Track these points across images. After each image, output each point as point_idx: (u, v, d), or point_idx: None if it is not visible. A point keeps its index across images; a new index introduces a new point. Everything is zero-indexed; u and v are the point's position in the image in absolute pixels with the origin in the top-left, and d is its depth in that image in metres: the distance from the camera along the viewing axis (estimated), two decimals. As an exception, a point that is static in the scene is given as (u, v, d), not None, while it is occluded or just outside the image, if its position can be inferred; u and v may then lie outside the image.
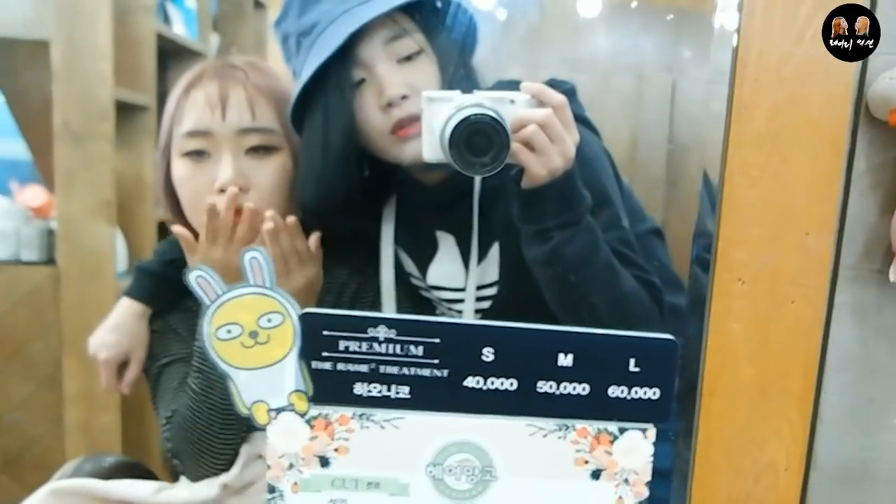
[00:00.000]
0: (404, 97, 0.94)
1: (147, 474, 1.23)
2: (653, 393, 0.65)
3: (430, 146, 0.88)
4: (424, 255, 1.07)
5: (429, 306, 1.11)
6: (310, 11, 0.97)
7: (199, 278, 0.60)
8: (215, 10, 2.74)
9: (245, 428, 0.99)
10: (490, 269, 1.04)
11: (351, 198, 1.00)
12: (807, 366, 0.67)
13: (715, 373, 0.67)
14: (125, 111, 2.04)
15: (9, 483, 2.09)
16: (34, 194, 2.17)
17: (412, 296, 1.11)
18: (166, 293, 1.09)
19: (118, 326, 1.08)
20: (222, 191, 0.96)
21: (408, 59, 0.97)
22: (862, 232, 0.77)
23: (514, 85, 0.89)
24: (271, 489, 0.64)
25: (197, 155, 0.99)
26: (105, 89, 1.89)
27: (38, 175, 2.18)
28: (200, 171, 0.99)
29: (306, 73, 0.95)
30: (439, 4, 0.99)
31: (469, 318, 1.05)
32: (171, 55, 2.31)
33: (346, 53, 0.94)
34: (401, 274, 1.09)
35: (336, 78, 0.95)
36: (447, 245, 1.06)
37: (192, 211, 1.01)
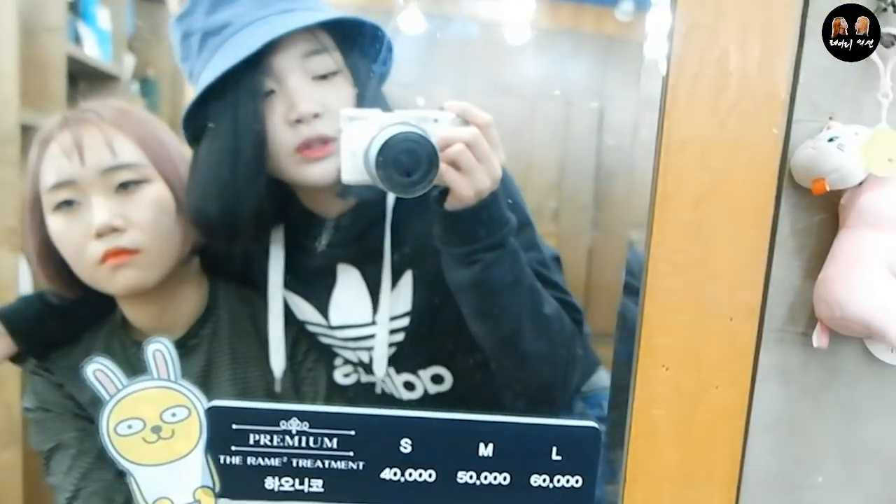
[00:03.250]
0: (316, 115, 0.89)
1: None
2: (575, 481, 0.63)
3: (350, 167, 0.84)
4: (323, 294, 1.03)
5: (327, 352, 1.08)
6: (221, 11, 0.93)
7: (97, 371, 0.56)
8: (131, 30, 2.65)
9: None
10: (402, 298, 1.00)
11: (253, 213, 0.95)
12: (732, 451, 0.67)
13: (639, 458, 0.66)
14: (31, 136, 1.95)
15: None
16: (-67, 218, 2.05)
17: (311, 349, 1.07)
18: (39, 326, 1.04)
19: None
20: (100, 236, 0.92)
21: (323, 77, 0.92)
22: (787, 294, 0.77)
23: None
24: (174, 589, 0.60)
25: (67, 206, 0.95)
26: (10, 112, 1.80)
27: (-62, 197, 2.07)
28: (75, 221, 0.94)
29: (209, 74, 0.89)
30: (361, 26, 0.96)
31: (382, 351, 1.01)
32: (84, 77, 2.22)
33: (258, 61, 0.89)
34: (294, 324, 1.05)
35: (245, 85, 0.90)
36: (350, 279, 1.02)
37: (78, 263, 0.96)
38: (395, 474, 0.61)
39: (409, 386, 1.04)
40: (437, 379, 1.04)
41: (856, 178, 0.71)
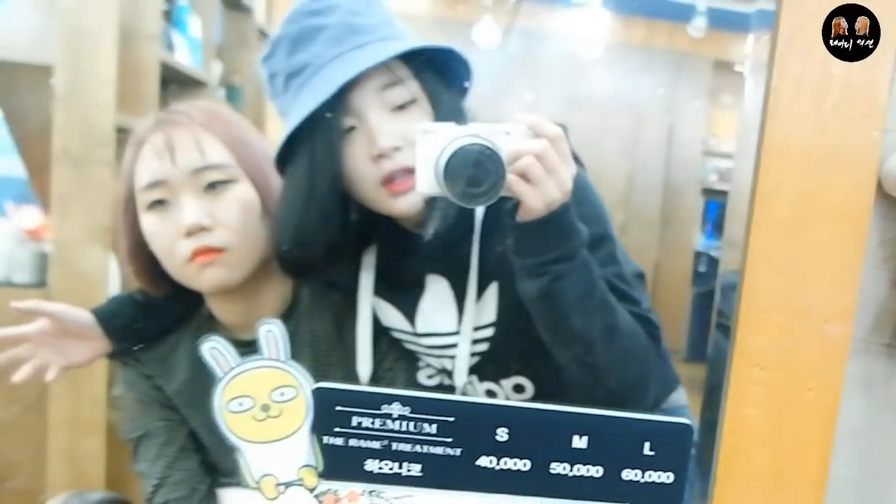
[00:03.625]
0: (396, 149, 0.91)
1: (134, 512, 1.21)
2: (667, 477, 0.64)
3: (423, 178, 0.86)
4: (411, 301, 1.05)
5: (411, 358, 1.10)
6: (300, 52, 0.95)
7: (212, 350, 0.59)
8: (219, 39, 2.74)
9: None
10: (487, 309, 1.02)
11: (331, 247, 0.98)
12: (822, 453, 0.67)
13: (729, 458, 0.66)
14: (126, 137, 2.03)
15: (-11, 507, 2.06)
16: (29, 216, 2.15)
17: (391, 348, 1.09)
18: (132, 325, 1.08)
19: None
20: (190, 234, 0.96)
21: (401, 108, 0.94)
22: (873, 305, 0.77)
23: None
24: (276, 564, 0.63)
25: (159, 205, 0.99)
26: (107, 115, 1.88)
27: (34, 196, 2.16)
28: (166, 220, 0.98)
29: (295, 118, 0.92)
30: (434, 52, 0.97)
31: (463, 363, 1.03)
32: (174, 82, 2.31)
33: (337, 100, 0.91)
34: (377, 327, 1.07)
35: (325, 124, 0.92)
36: (438, 289, 1.04)
37: (168, 261, 1.00)
38: (491, 462, 0.62)
39: (491, 394, 1.06)
40: (518, 388, 1.05)
41: (945, 188, 0.70)
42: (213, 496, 1.12)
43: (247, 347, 0.60)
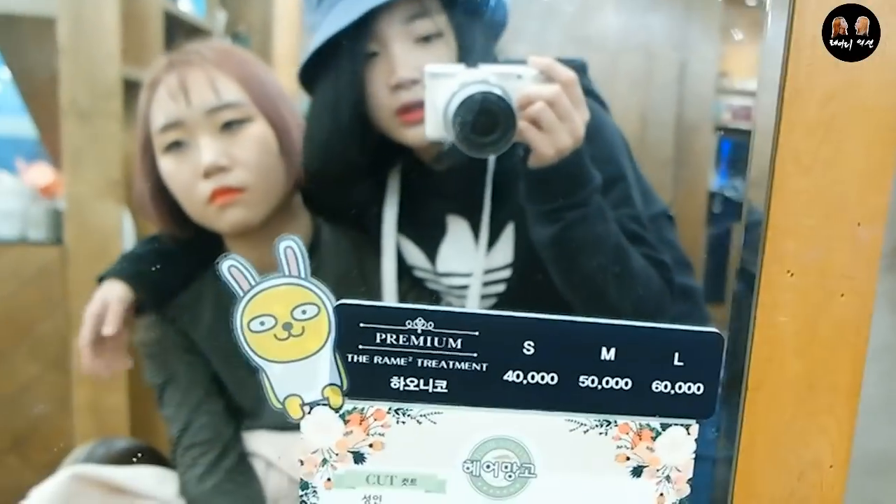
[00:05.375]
0: (414, 81, 0.91)
1: (158, 459, 1.23)
2: (697, 388, 0.63)
3: (432, 123, 0.85)
4: (432, 241, 1.05)
5: (432, 297, 1.09)
6: None
7: (231, 268, 0.58)
8: (223, -13, 2.71)
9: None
10: (504, 250, 1.01)
11: (356, 165, 0.98)
12: (855, 361, 0.65)
13: (761, 366, 0.65)
14: (132, 89, 2.02)
15: (17, 463, 2.08)
16: (41, 173, 2.14)
17: (413, 287, 1.09)
18: (152, 277, 1.08)
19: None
20: (208, 175, 0.95)
21: (426, 39, 0.94)
22: (898, 221, 0.75)
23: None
24: (304, 485, 0.62)
25: (176, 146, 0.98)
26: (112, 67, 1.85)
27: (45, 153, 2.16)
28: (184, 161, 0.98)
29: (320, 36, 0.93)
30: None
31: (474, 301, 1.03)
32: (178, 32, 2.28)
33: (363, 24, 0.92)
34: (400, 265, 1.07)
35: (349, 47, 0.93)
36: (459, 229, 1.04)
37: (188, 202, 1.00)
38: (517, 376, 0.61)
39: None
40: None
41: None
42: (239, 439, 1.13)
43: None
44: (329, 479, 0.62)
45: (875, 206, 0.63)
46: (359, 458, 0.62)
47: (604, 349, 0.62)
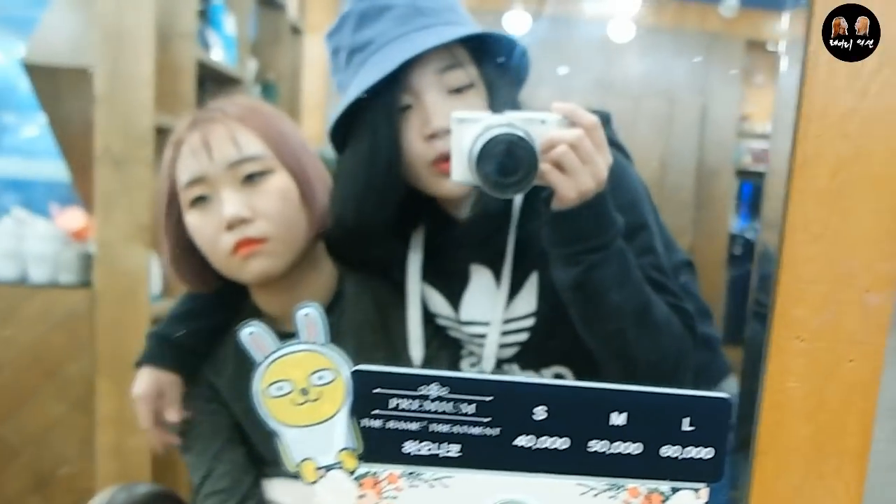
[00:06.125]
0: (449, 130, 0.91)
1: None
2: (706, 452, 0.63)
3: (458, 166, 0.86)
4: (455, 289, 1.06)
5: (455, 346, 1.10)
6: (366, 29, 0.97)
7: (251, 334, 0.59)
8: (253, 36, 2.76)
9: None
10: (528, 299, 1.02)
11: (386, 220, 1.00)
12: (863, 425, 0.65)
13: (770, 431, 0.65)
14: (164, 137, 2.07)
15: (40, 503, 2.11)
16: (73, 217, 2.19)
17: (435, 335, 1.10)
18: (191, 358, 1.11)
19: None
20: (231, 227, 0.97)
21: (458, 91, 0.96)
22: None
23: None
24: (319, 546, 0.64)
25: (201, 201, 1.00)
26: (146, 115, 1.91)
27: (77, 197, 2.21)
28: (208, 215, 1.00)
29: (354, 91, 0.95)
30: (496, 40, 0.98)
31: (491, 350, 1.03)
32: (211, 80, 2.33)
33: (396, 77, 0.93)
34: (424, 312, 1.08)
35: (384, 100, 0.94)
36: (482, 278, 1.04)
37: (213, 255, 1.02)
38: (529, 441, 0.62)
39: None
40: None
41: None
42: (259, 487, 1.14)
43: (292, 338, 0.61)
44: (344, 541, 0.63)
45: (884, 273, 0.64)
46: (373, 519, 0.63)
47: (614, 414, 0.62)
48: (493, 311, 1.03)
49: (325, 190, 1.05)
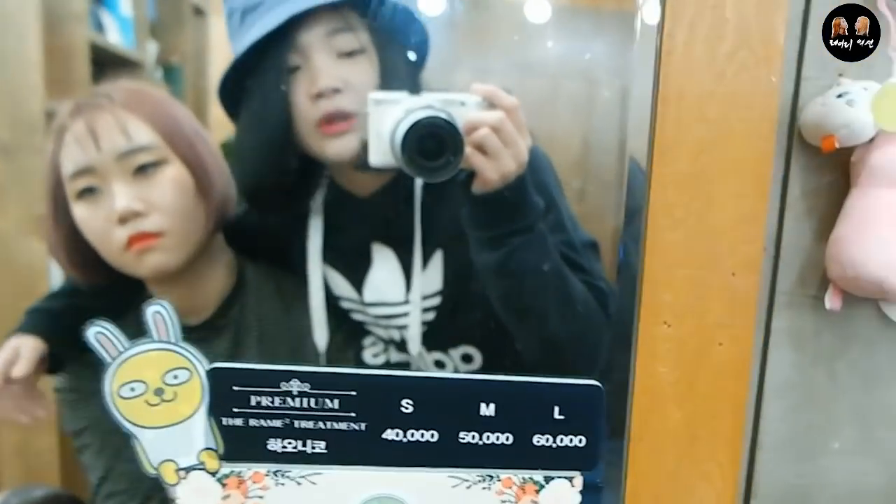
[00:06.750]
0: (336, 90, 0.90)
1: (79, 510, 1.20)
2: (579, 440, 0.63)
3: (377, 151, 0.85)
4: (358, 271, 1.05)
5: (357, 330, 1.09)
6: None
7: (98, 334, 0.57)
8: (153, 17, 2.67)
9: None
10: (433, 278, 1.01)
11: (283, 179, 0.98)
12: (735, 408, 0.66)
13: (642, 417, 0.66)
14: (59, 123, 1.99)
15: (-59, 508, 2.02)
16: (-36, 209, 2.10)
17: (339, 319, 1.08)
18: (66, 330, 1.06)
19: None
20: (123, 221, 0.93)
21: (348, 55, 0.94)
22: (797, 257, 0.76)
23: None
24: (182, 551, 0.61)
25: (89, 193, 0.96)
26: (36, 101, 1.82)
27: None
28: (98, 208, 0.95)
29: (239, 47, 0.92)
30: (390, 7, 0.96)
31: (416, 330, 1.02)
32: (108, 64, 2.25)
33: (285, 37, 0.91)
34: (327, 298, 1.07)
35: (272, 60, 0.92)
36: (385, 258, 1.03)
37: (105, 249, 0.97)
38: (397, 435, 0.61)
39: (440, 364, 1.05)
40: (466, 358, 1.05)
41: (866, 134, 0.69)
42: (159, 487, 1.10)
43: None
44: (208, 544, 0.61)
45: (748, 256, 0.64)
46: (238, 521, 0.61)
47: (483, 405, 0.62)
48: (399, 291, 1.02)
49: (222, 179, 1.02)
